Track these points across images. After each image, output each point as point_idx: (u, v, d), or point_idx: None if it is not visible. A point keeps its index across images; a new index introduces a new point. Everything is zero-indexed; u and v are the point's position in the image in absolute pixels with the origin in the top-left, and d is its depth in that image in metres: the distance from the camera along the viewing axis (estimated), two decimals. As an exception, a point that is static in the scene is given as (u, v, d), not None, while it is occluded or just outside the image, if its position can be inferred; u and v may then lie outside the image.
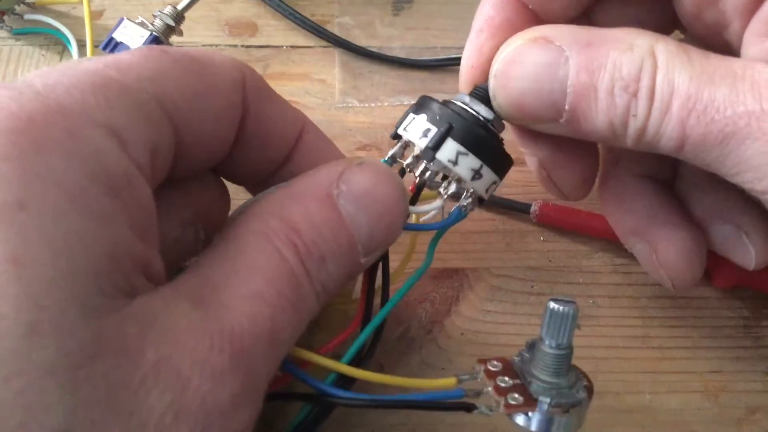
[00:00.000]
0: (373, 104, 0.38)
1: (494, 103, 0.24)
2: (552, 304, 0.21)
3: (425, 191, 0.25)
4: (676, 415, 0.29)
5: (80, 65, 0.18)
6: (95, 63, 0.18)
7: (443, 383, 0.21)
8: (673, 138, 0.21)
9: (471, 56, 0.26)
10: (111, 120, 0.17)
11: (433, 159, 0.24)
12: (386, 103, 0.39)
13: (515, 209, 0.34)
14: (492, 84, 0.24)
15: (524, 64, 0.23)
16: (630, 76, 0.21)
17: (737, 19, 0.23)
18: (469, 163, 0.24)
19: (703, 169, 0.26)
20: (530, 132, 0.25)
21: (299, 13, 0.40)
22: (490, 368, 0.21)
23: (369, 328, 0.25)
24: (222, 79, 0.21)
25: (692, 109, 0.21)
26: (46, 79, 0.17)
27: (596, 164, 0.28)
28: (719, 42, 0.24)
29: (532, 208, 0.33)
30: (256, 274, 0.19)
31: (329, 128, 0.29)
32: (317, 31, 0.40)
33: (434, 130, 0.24)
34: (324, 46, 0.41)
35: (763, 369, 0.30)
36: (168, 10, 0.35)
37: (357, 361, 0.25)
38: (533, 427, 0.20)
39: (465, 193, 0.25)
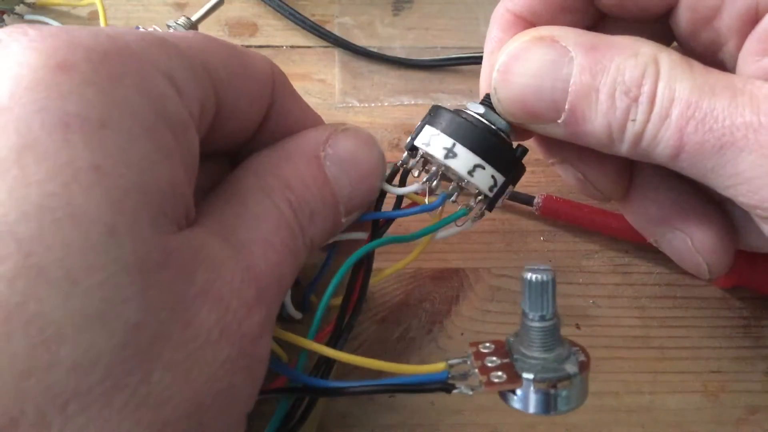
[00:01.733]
0: (373, 104, 0.38)
1: (494, 99, 0.24)
2: (528, 275, 0.20)
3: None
4: (676, 415, 0.29)
5: (146, 31, 0.20)
6: (149, 30, 0.20)
7: (431, 368, 0.21)
8: (670, 146, 0.22)
9: (487, 77, 0.27)
10: (172, 72, 0.18)
11: (414, 150, 0.24)
12: (386, 103, 0.39)
13: (519, 200, 0.34)
14: (494, 77, 0.24)
15: (528, 59, 0.23)
16: (632, 81, 0.22)
17: (732, 39, 0.23)
18: (485, 174, 0.24)
19: (659, 174, 0.26)
20: (551, 139, 0.25)
21: (299, 13, 0.40)
22: (481, 350, 0.21)
23: (334, 281, 0.24)
24: (257, 69, 0.22)
25: (691, 117, 0.21)
26: (114, 29, 0.18)
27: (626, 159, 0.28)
28: (714, 62, 0.24)
29: (536, 200, 0.33)
30: (261, 223, 0.20)
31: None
32: (317, 31, 0.40)
33: (450, 141, 0.24)
34: (324, 46, 0.41)
35: (763, 369, 0.30)
36: (182, 20, 0.36)
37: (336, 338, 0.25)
38: (531, 408, 0.20)
39: (475, 200, 0.25)
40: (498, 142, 0.24)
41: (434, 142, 0.24)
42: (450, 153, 0.24)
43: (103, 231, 0.15)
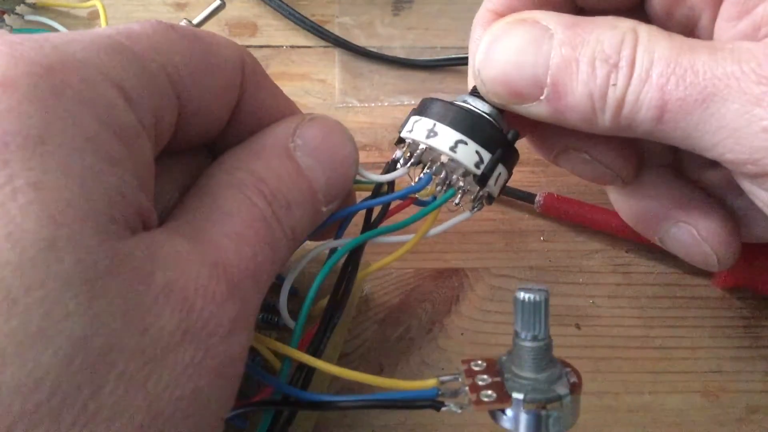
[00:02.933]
0: (373, 104, 0.38)
1: (478, 82, 0.24)
2: (521, 294, 0.20)
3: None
4: (676, 415, 0.29)
5: (93, 31, 0.19)
6: (107, 30, 0.20)
7: (421, 384, 0.21)
8: (653, 107, 0.22)
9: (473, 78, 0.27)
10: (121, 79, 0.18)
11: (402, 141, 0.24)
12: (386, 103, 0.39)
13: (520, 198, 0.34)
14: (477, 59, 0.24)
15: (509, 39, 0.23)
16: (611, 48, 0.22)
17: (706, 10, 0.24)
18: (468, 149, 0.24)
19: (655, 171, 0.26)
20: (549, 127, 0.25)
21: (299, 13, 0.40)
22: (473, 367, 0.21)
23: (318, 279, 0.24)
24: (224, 58, 0.22)
25: (671, 74, 0.21)
26: (62, 37, 0.18)
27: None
28: None
29: (537, 198, 0.33)
30: (233, 218, 0.20)
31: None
32: (317, 31, 0.40)
33: (431, 122, 0.24)
34: (324, 46, 0.41)
35: (763, 369, 0.30)
36: (183, 23, 0.36)
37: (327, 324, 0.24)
38: (520, 429, 0.19)
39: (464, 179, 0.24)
40: (481, 121, 0.24)
41: (417, 127, 0.24)
42: (431, 132, 0.24)
43: (42, 246, 0.15)
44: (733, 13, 0.23)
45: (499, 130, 0.24)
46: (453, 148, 0.23)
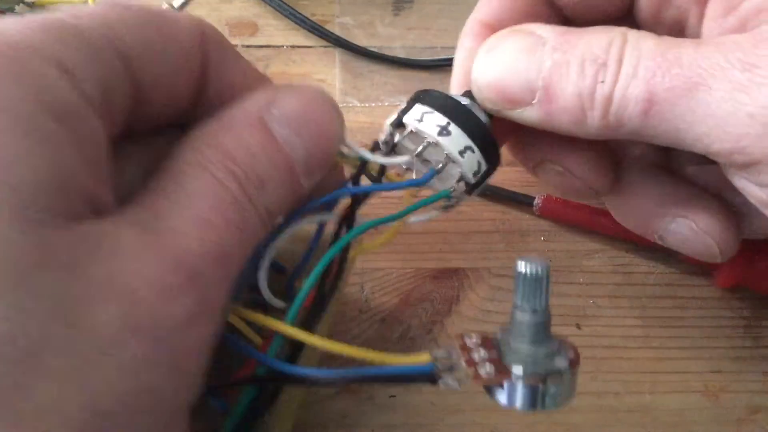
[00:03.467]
0: (373, 104, 0.38)
1: (474, 88, 0.25)
2: (521, 266, 0.19)
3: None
4: (676, 415, 0.29)
5: (39, 15, 0.18)
6: (54, 13, 0.19)
7: (414, 358, 0.20)
8: (640, 100, 0.22)
9: (457, 84, 0.28)
10: (60, 55, 0.17)
11: (402, 124, 0.24)
12: (387, 103, 0.39)
13: (518, 201, 0.34)
14: (474, 68, 0.25)
15: (505, 47, 0.24)
16: (601, 49, 0.23)
17: (693, 8, 0.24)
18: (473, 158, 0.24)
19: (647, 170, 0.27)
20: (527, 138, 0.26)
21: (299, 13, 0.40)
22: (467, 342, 0.20)
23: (325, 259, 0.23)
24: (180, 31, 0.21)
25: (657, 67, 0.22)
26: (2, 22, 0.17)
27: (606, 144, 0.28)
28: None
29: (536, 201, 0.33)
30: (198, 201, 0.19)
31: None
32: (318, 31, 0.40)
33: (445, 119, 0.24)
34: (324, 46, 0.41)
35: (763, 369, 0.30)
36: (164, 6, 0.35)
37: (318, 304, 0.23)
38: (518, 404, 0.19)
39: (448, 167, 0.24)
40: (484, 131, 0.24)
41: (427, 119, 0.24)
42: (444, 131, 0.24)
43: None
44: (719, 10, 0.23)
45: (495, 142, 0.25)
46: (462, 153, 0.24)
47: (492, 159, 0.25)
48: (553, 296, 0.20)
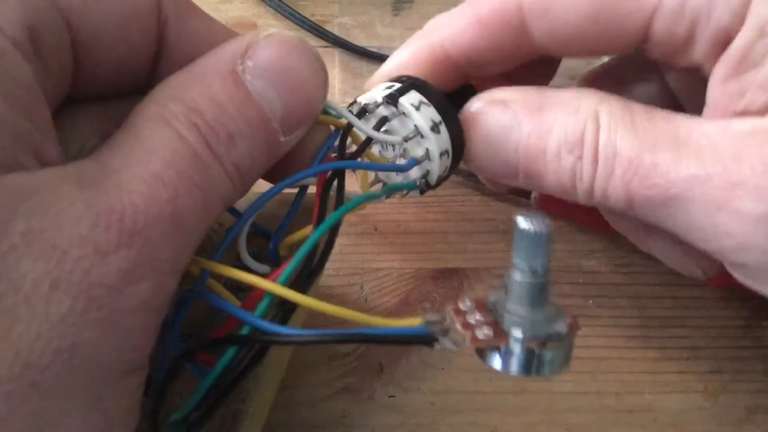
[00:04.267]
0: (373, 104, 0.38)
1: (465, 159, 0.26)
2: (522, 222, 0.18)
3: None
4: (676, 415, 0.29)
5: None
6: None
7: (406, 322, 0.19)
8: (621, 199, 0.22)
9: (378, 79, 0.27)
10: None
11: (396, 104, 0.24)
12: (386, 103, 0.39)
13: (515, 193, 0.34)
14: (467, 148, 0.25)
15: (482, 127, 0.24)
16: (574, 138, 0.23)
17: (709, 63, 0.23)
18: (446, 161, 0.24)
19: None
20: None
21: (299, 13, 0.40)
22: (461, 306, 0.19)
23: (324, 226, 0.21)
24: None
25: (635, 174, 0.22)
26: None
27: None
28: (696, 80, 0.24)
29: (533, 194, 0.33)
30: (153, 156, 0.18)
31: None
32: (317, 31, 0.40)
33: (439, 117, 0.24)
34: (324, 46, 0.41)
35: (763, 369, 0.30)
36: None
37: (308, 273, 0.22)
38: (513, 368, 0.18)
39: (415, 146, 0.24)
40: (462, 142, 0.25)
41: (423, 110, 0.24)
42: (435, 128, 0.24)
43: None
44: (724, 72, 0.22)
45: (461, 154, 0.26)
46: (441, 155, 0.24)
47: (453, 169, 0.26)
48: (553, 296, 0.20)
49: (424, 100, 0.24)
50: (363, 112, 0.25)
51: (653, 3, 0.23)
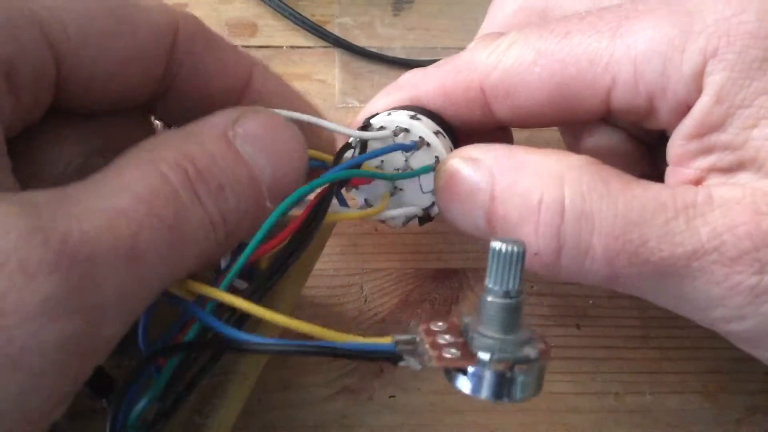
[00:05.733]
0: (373, 104, 0.38)
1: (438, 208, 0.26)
2: (497, 244, 0.18)
3: None
4: (676, 415, 0.29)
5: None
6: None
7: (376, 340, 0.19)
8: (600, 276, 0.22)
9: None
10: None
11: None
12: (386, 104, 0.38)
13: None
14: (436, 196, 0.26)
15: (455, 184, 0.24)
16: (529, 210, 0.22)
17: (671, 126, 0.24)
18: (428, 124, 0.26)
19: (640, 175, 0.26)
20: None
21: (299, 14, 0.40)
22: (432, 327, 0.19)
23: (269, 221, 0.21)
24: (143, 23, 0.20)
25: (621, 251, 0.21)
26: None
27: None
28: (663, 137, 0.25)
29: None
30: (124, 192, 0.17)
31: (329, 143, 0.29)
32: (317, 31, 0.40)
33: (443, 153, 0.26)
34: (324, 47, 0.41)
35: (762, 369, 0.30)
36: None
37: (267, 277, 0.21)
38: (483, 392, 0.18)
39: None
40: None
41: (434, 140, 0.26)
42: (437, 134, 0.26)
43: None
44: (686, 134, 0.23)
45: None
46: (437, 133, 0.26)
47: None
48: (553, 296, 0.20)
49: (439, 130, 0.26)
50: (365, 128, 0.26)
51: (607, 83, 0.23)
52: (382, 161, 0.26)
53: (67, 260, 0.15)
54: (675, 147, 0.23)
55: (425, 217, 0.27)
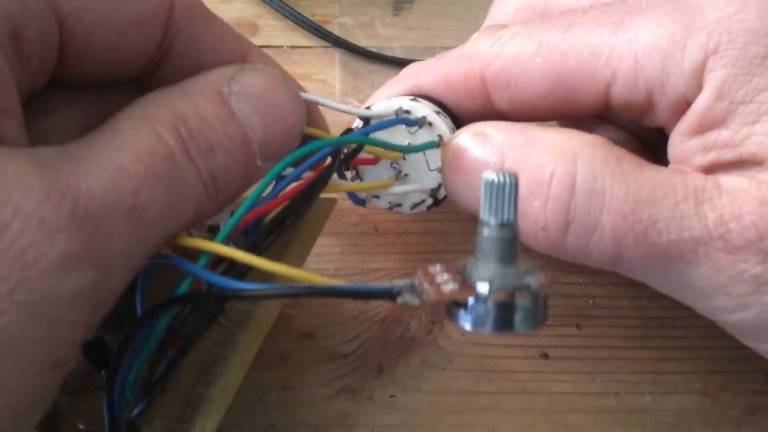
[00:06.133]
0: (373, 104, 0.38)
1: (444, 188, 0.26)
2: (489, 176, 0.18)
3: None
4: (676, 416, 0.29)
5: None
6: None
7: (374, 286, 0.19)
8: (606, 255, 0.22)
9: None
10: None
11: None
12: (386, 103, 0.38)
13: None
14: (443, 174, 0.25)
15: (462, 159, 0.24)
16: (542, 183, 0.22)
17: (671, 123, 0.24)
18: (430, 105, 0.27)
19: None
20: None
21: (299, 13, 0.40)
22: (430, 271, 0.18)
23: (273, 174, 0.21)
24: None
25: (629, 230, 0.21)
26: None
27: None
28: (663, 136, 0.25)
29: None
30: (124, 150, 0.18)
31: (329, 129, 0.29)
32: (317, 31, 0.40)
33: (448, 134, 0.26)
34: (324, 47, 0.41)
35: (763, 369, 0.30)
36: None
37: (268, 230, 0.21)
38: (486, 326, 0.17)
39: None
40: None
41: (435, 118, 0.26)
42: (438, 113, 0.26)
43: None
44: (686, 131, 0.23)
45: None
46: (437, 113, 0.26)
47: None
48: (553, 296, 0.20)
49: (446, 118, 0.26)
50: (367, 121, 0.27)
51: (607, 76, 0.23)
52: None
53: (80, 217, 0.16)
54: (675, 144, 0.23)
55: (433, 201, 0.27)
